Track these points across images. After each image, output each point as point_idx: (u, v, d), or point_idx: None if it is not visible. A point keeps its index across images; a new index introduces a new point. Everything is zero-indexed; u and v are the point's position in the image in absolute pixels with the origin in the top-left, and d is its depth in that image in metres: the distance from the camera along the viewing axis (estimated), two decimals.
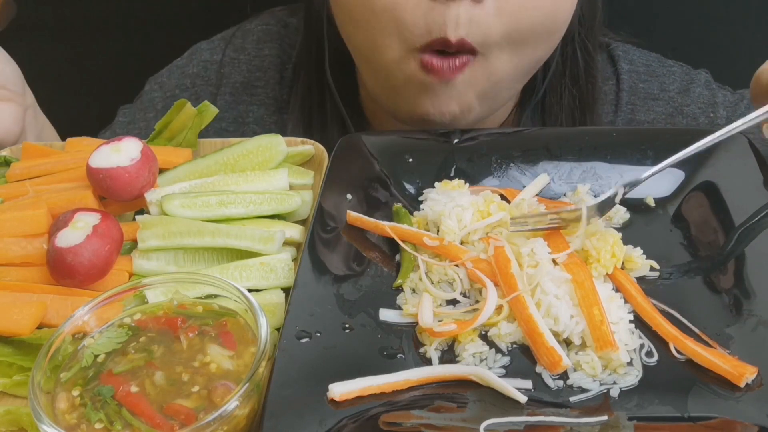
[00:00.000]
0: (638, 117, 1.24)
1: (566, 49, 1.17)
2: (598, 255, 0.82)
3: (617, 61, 1.27)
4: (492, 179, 0.98)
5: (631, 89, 1.25)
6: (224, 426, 0.66)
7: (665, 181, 0.94)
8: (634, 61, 1.28)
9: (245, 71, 1.32)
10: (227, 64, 1.32)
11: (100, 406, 0.69)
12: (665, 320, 0.77)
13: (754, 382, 0.70)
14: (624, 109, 1.25)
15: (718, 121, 1.22)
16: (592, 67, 1.20)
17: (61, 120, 1.24)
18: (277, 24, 1.34)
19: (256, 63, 1.32)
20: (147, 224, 0.88)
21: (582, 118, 1.21)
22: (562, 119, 1.20)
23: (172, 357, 0.73)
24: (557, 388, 0.72)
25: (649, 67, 1.27)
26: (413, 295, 0.82)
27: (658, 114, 1.24)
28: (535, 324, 0.75)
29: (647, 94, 1.25)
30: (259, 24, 1.35)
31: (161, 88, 1.35)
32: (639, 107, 1.25)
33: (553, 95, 1.20)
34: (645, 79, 1.26)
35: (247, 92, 1.31)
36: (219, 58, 1.33)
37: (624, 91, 1.25)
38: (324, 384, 0.70)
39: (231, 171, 0.98)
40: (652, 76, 1.26)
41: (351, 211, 0.90)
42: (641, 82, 1.26)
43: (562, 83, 1.19)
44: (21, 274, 0.86)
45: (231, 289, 0.76)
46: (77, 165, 0.97)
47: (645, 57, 1.29)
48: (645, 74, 1.26)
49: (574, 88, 1.19)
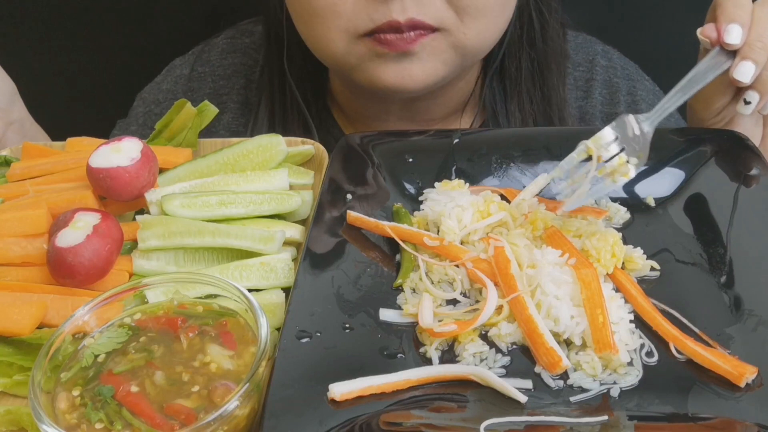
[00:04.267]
0: (610, 110, 1.29)
1: (522, 14, 1.19)
2: (598, 255, 0.82)
3: (595, 54, 1.32)
4: (492, 179, 0.98)
5: (605, 82, 1.30)
6: (224, 426, 0.66)
7: (665, 181, 0.95)
8: (613, 60, 1.33)
9: (210, 82, 1.37)
10: (195, 79, 1.37)
11: (101, 406, 0.69)
12: (665, 320, 0.77)
13: (754, 382, 0.70)
14: (595, 98, 1.29)
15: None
16: (547, 30, 1.22)
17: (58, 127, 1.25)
18: (241, 35, 1.39)
19: (219, 72, 1.37)
20: (147, 224, 0.88)
21: (541, 80, 1.24)
22: (521, 81, 1.23)
23: (172, 357, 0.73)
24: (557, 388, 0.72)
25: (625, 69, 1.33)
26: (413, 295, 0.82)
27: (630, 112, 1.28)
28: (535, 325, 0.75)
29: (619, 89, 1.30)
30: (224, 38, 1.40)
31: (143, 102, 1.40)
32: (610, 100, 1.29)
33: (511, 59, 1.22)
34: (620, 76, 1.31)
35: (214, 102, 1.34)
36: (187, 73, 1.38)
37: (596, 81, 1.30)
38: (324, 384, 0.70)
39: (231, 171, 0.98)
40: (627, 79, 1.32)
41: (351, 211, 0.90)
42: (616, 78, 1.31)
43: (519, 47, 1.21)
44: (21, 274, 0.86)
45: (231, 289, 0.76)
46: (77, 165, 0.97)
47: (623, 61, 1.35)
48: (622, 76, 1.32)
49: (532, 51, 1.22)
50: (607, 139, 0.86)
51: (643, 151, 0.87)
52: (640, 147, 0.86)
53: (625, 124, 0.87)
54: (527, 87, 1.23)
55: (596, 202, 0.94)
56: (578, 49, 1.33)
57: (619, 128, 0.87)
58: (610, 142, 0.86)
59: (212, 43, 1.40)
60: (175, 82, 1.39)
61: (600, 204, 0.93)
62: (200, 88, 1.36)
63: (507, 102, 1.23)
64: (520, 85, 1.23)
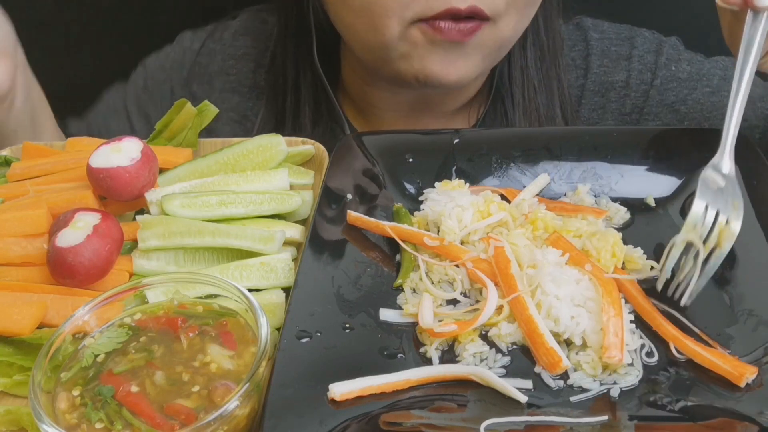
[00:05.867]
0: (612, 78, 1.28)
1: None
2: (598, 255, 0.82)
3: (586, 30, 1.32)
4: (492, 179, 0.98)
5: (603, 53, 1.30)
6: (224, 426, 0.66)
7: (665, 181, 0.95)
8: (605, 30, 1.32)
9: (220, 60, 1.37)
10: (205, 54, 1.38)
11: (101, 406, 0.69)
12: (665, 320, 0.77)
13: (754, 382, 0.70)
14: (595, 71, 1.29)
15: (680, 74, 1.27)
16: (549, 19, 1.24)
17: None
18: (254, 20, 1.39)
19: (230, 52, 1.37)
20: (147, 224, 0.88)
21: (546, 67, 1.25)
22: (527, 67, 1.24)
23: (172, 357, 0.73)
24: (557, 387, 0.72)
25: (620, 33, 1.32)
26: (413, 295, 0.82)
27: (632, 71, 1.27)
28: (535, 325, 0.75)
29: (620, 55, 1.29)
30: (239, 20, 1.41)
31: (145, 69, 1.42)
32: (611, 68, 1.29)
33: (517, 49, 1.23)
34: (617, 42, 1.30)
35: (221, 79, 1.36)
36: (197, 47, 1.38)
37: (594, 56, 1.29)
38: (324, 384, 0.70)
39: (231, 171, 0.98)
40: (624, 40, 1.30)
41: (351, 211, 0.90)
42: (613, 46, 1.30)
43: (524, 37, 1.22)
44: (21, 274, 0.86)
45: (231, 289, 0.76)
46: (77, 165, 0.97)
47: (615, 26, 1.34)
48: (616, 39, 1.31)
49: (536, 39, 1.23)
50: (699, 217, 0.78)
51: (735, 196, 0.79)
52: (731, 194, 0.79)
53: (707, 182, 0.80)
54: (532, 75, 1.24)
55: (596, 202, 0.94)
56: (570, 32, 1.33)
57: (704, 193, 0.79)
58: (702, 216, 0.78)
59: (226, 24, 1.40)
60: (183, 53, 1.39)
61: (600, 204, 0.94)
62: (209, 64, 1.37)
63: (513, 90, 1.24)
64: (528, 73, 1.24)
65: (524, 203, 0.89)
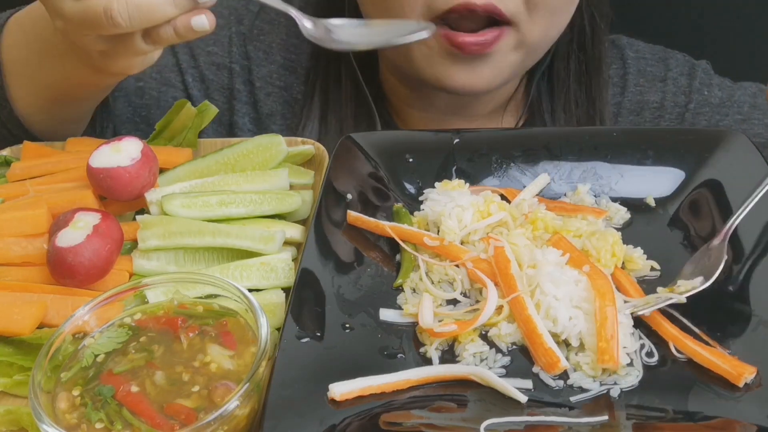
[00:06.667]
0: (647, 98, 1.29)
1: (575, 17, 1.19)
2: (598, 255, 0.82)
3: (623, 48, 1.32)
4: (492, 179, 0.98)
5: (640, 72, 1.30)
6: (224, 426, 0.66)
7: (665, 180, 0.94)
8: (640, 50, 1.33)
9: (283, 35, 1.31)
10: (266, 21, 1.31)
11: (101, 406, 0.69)
12: (665, 320, 0.77)
13: (753, 382, 0.70)
14: (632, 90, 1.29)
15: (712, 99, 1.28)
16: (598, 33, 1.23)
17: None
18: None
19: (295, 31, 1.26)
20: (147, 224, 0.88)
21: (588, 82, 1.24)
22: (569, 83, 1.24)
23: (172, 357, 0.73)
24: (557, 387, 0.72)
25: (655, 54, 1.32)
26: (413, 295, 0.82)
27: (667, 93, 1.28)
28: (534, 325, 0.75)
29: (655, 76, 1.30)
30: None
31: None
32: (647, 88, 1.29)
33: (560, 61, 1.23)
34: (652, 63, 1.31)
35: (281, 55, 1.29)
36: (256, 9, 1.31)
37: (631, 74, 1.29)
38: (324, 384, 0.70)
39: (231, 171, 0.98)
40: (659, 60, 1.31)
41: (351, 211, 0.90)
42: (649, 66, 1.31)
43: (569, 49, 1.22)
44: (21, 274, 0.86)
45: (231, 289, 0.76)
46: (77, 165, 0.97)
47: (650, 47, 1.34)
48: (652, 59, 1.31)
49: (581, 53, 1.23)
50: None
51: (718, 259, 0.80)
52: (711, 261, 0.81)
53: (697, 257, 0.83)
54: (574, 89, 1.24)
55: (596, 202, 0.94)
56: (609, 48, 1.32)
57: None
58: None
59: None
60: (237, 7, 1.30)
61: (600, 204, 0.94)
62: (270, 32, 1.30)
63: (553, 102, 1.24)
64: (568, 86, 1.24)
65: (524, 203, 0.89)
